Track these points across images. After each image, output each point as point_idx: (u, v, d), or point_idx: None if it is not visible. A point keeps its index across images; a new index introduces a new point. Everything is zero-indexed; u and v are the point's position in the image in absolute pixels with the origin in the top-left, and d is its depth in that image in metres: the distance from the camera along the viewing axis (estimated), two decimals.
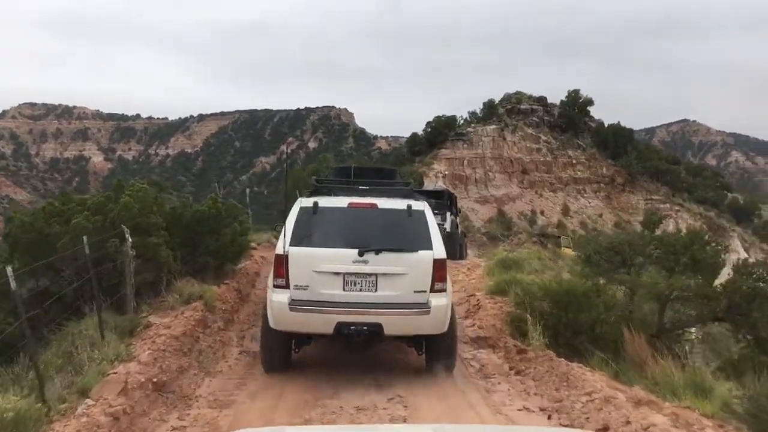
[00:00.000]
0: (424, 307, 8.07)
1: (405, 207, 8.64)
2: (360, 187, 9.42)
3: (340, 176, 10.61)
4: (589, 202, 48.84)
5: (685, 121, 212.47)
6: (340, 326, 8.02)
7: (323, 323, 8.07)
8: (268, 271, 9.19)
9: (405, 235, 8.39)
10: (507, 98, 52.93)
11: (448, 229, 21.87)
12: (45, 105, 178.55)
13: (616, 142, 52.32)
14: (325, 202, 8.71)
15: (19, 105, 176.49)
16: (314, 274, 8.01)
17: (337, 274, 8.07)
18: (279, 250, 8.22)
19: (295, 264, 8.06)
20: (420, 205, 8.85)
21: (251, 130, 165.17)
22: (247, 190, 20.75)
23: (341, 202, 8.76)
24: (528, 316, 10.03)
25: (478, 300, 13.61)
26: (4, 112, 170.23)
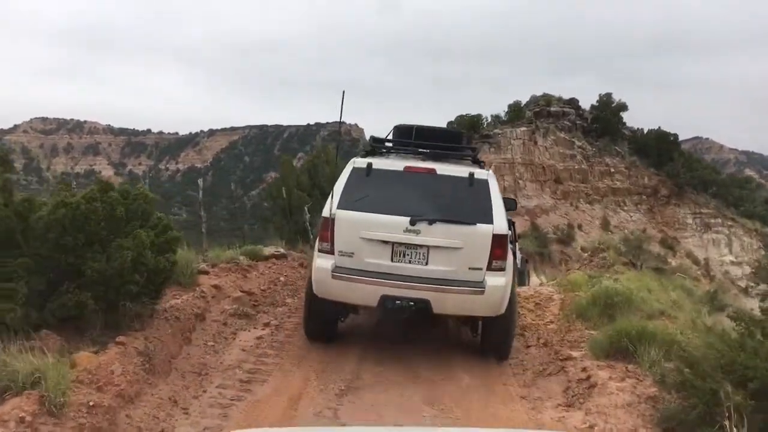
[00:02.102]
0: (478, 287, 7.43)
1: (466, 175, 7.88)
2: (420, 150, 8.60)
3: (401, 137, 9.20)
4: (630, 216, 42.25)
5: (697, 138, 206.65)
6: (385, 300, 7.42)
7: (367, 295, 7.50)
8: (221, 311, 8.24)
9: (463, 206, 7.68)
10: (534, 100, 46.52)
11: (519, 265, 17.05)
12: (56, 119, 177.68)
13: (659, 148, 45.65)
14: (379, 164, 8.09)
15: (31, 119, 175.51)
16: (361, 241, 7.53)
17: (385, 243, 7.53)
18: (325, 212, 7.74)
19: (342, 228, 7.59)
20: (483, 173, 8.09)
21: (261, 145, 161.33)
22: (200, 181, 14.68)
23: (397, 165, 8.09)
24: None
25: (586, 372, 7.37)
26: (15, 126, 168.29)
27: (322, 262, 7.68)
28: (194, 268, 10.21)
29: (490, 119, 43.48)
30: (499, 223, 7.67)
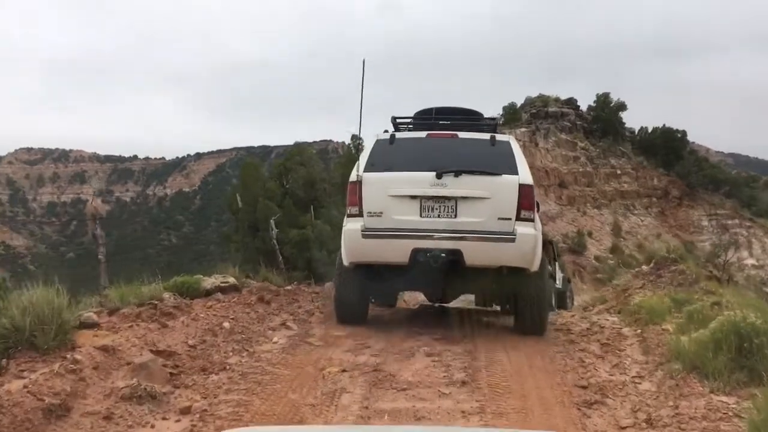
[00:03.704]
0: (509, 235, 7.40)
1: (488, 137, 7.92)
2: (441, 123, 8.58)
3: (422, 117, 8.91)
4: (642, 220, 38.35)
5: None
6: (416, 253, 7.36)
7: (398, 251, 7.45)
8: (107, 392, 5.43)
9: (488, 161, 7.68)
10: (530, 102, 42.65)
11: (559, 285, 16.94)
12: (41, 149, 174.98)
13: (666, 147, 41.75)
14: (402, 135, 8.19)
15: (16, 150, 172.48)
16: (389, 199, 7.52)
17: (413, 198, 7.53)
18: (352, 177, 7.70)
19: (369, 189, 7.55)
20: (505, 136, 8.23)
21: None
22: (91, 200, 10.77)
23: (420, 134, 8.17)
24: None
25: None
26: (0, 158, 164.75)
27: (351, 225, 7.61)
28: (68, 320, 6.11)
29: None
30: (525, 174, 7.59)
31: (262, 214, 13.10)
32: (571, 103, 43.04)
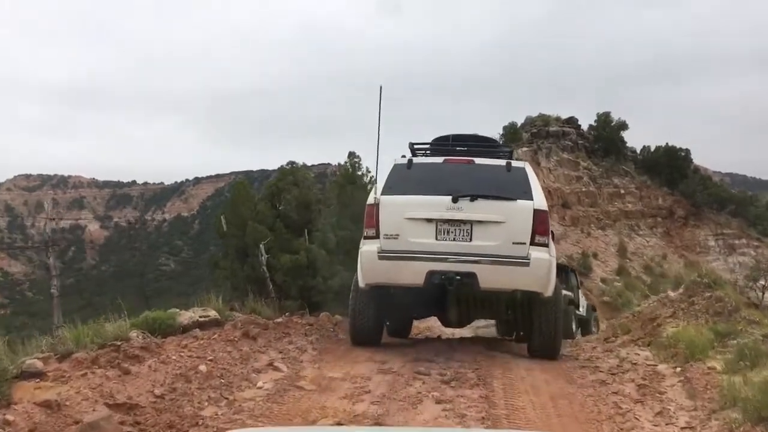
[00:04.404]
0: (523, 260, 7.41)
1: (504, 163, 7.98)
2: (458, 149, 8.67)
3: (438, 144, 9.12)
4: (647, 241, 37.18)
5: None
6: (431, 275, 7.39)
7: (413, 273, 7.47)
8: None
9: (503, 186, 7.73)
10: (530, 121, 41.69)
11: (582, 312, 17.21)
12: (40, 176, 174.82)
13: (670, 166, 40.67)
14: (419, 160, 8.23)
15: (14, 177, 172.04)
16: (405, 222, 7.57)
17: (429, 221, 7.57)
18: (370, 200, 7.78)
19: (386, 212, 7.61)
20: (520, 162, 8.28)
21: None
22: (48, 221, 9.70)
23: (437, 159, 8.21)
24: None
25: None
26: None
27: (368, 247, 7.68)
28: (6, 369, 4.99)
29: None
30: (539, 200, 7.69)
31: (251, 238, 12.00)
32: (572, 122, 42.05)
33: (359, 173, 14.09)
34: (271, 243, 12.08)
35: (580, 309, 18.24)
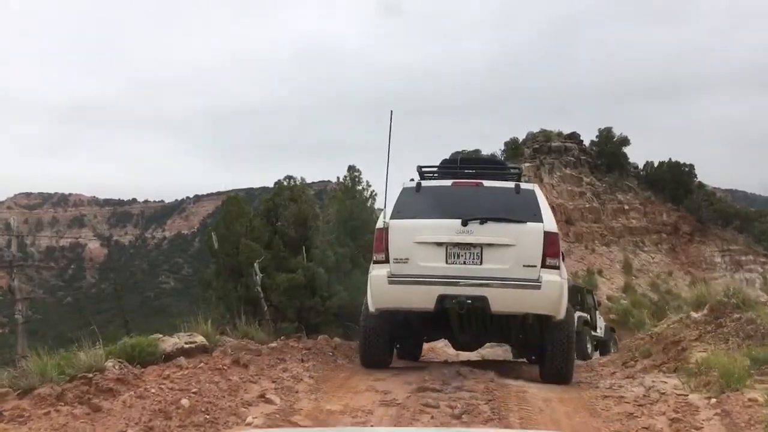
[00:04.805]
0: (534, 282, 7.34)
1: (512, 186, 7.93)
2: (466, 171, 8.62)
3: (447, 166, 9.11)
4: (652, 257, 36.41)
5: None
6: (442, 299, 7.33)
7: (424, 297, 7.42)
8: None
9: (512, 209, 7.64)
10: (532, 137, 41.13)
11: (601, 334, 17.65)
12: (41, 194, 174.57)
13: (675, 181, 39.97)
14: (428, 183, 8.14)
15: (15, 195, 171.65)
16: (415, 246, 7.51)
17: (439, 245, 7.51)
18: (379, 224, 7.72)
19: (396, 236, 7.54)
20: (529, 185, 8.25)
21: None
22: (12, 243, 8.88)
23: (445, 182, 8.18)
24: None
25: None
26: None
27: (377, 271, 7.58)
28: None
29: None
30: (549, 222, 7.61)
31: (245, 257, 11.29)
32: (574, 137, 41.44)
33: (359, 187, 13.42)
34: (267, 261, 11.38)
35: (598, 330, 18.08)
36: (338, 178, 14.22)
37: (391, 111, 7.84)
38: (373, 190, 13.70)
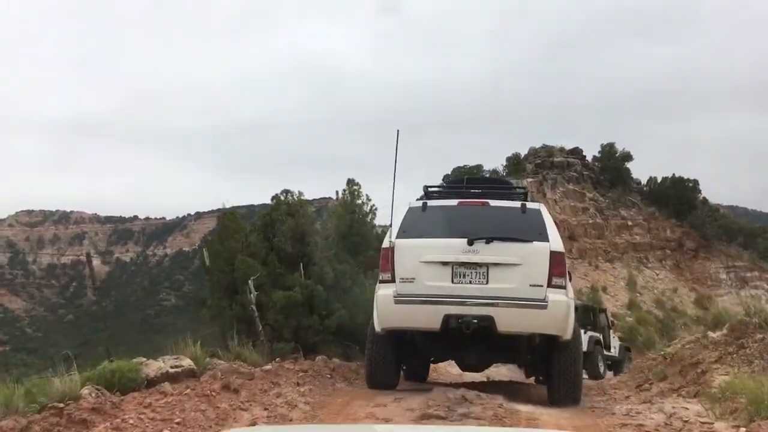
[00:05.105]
0: (541, 302, 7.27)
1: (518, 205, 7.94)
2: (472, 191, 8.69)
3: (453, 186, 9.46)
4: (657, 274, 35.84)
5: None
6: (448, 319, 7.27)
7: (430, 317, 7.39)
8: None
9: (518, 228, 7.64)
10: (534, 152, 40.76)
11: (615, 354, 18.08)
12: (42, 211, 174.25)
13: (679, 197, 39.50)
14: (434, 202, 8.17)
15: (17, 213, 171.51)
16: (421, 265, 7.50)
17: (445, 264, 7.48)
18: (385, 243, 7.73)
19: (401, 255, 7.52)
20: (535, 204, 8.28)
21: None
22: None
23: (451, 202, 8.21)
24: None
25: None
26: (0, 220, 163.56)
27: (384, 291, 7.55)
28: None
29: (488, 175, 37.74)
30: (556, 241, 7.55)
31: (241, 273, 10.77)
32: (577, 152, 41.08)
33: (359, 201, 12.94)
34: (263, 278, 10.87)
35: (612, 350, 18.03)
36: (337, 192, 13.71)
37: (398, 130, 7.79)
38: (374, 205, 13.27)
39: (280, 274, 11.27)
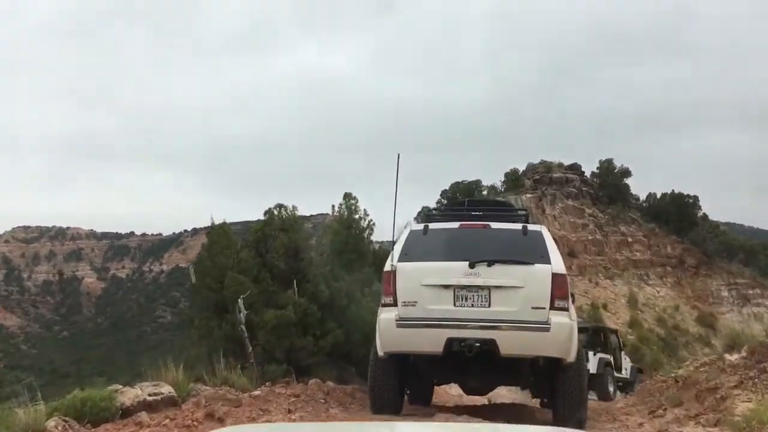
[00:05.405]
0: (543, 324, 7.21)
1: (520, 227, 7.97)
2: (473, 213, 8.64)
3: (454, 208, 9.60)
4: (657, 291, 35.28)
5: None
6: (451, 342, 7.23)
7: (432, 340, 7.35)
8: None
9: (520, 250, 7.63)
10: (532, 168, 40.37)
11: (627, 375, 18.26)
12: (39, 227, 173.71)
13: (679, 213, 39.02)
14: (435, 225, 8.23)
15: (13, 229, 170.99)
16: (423, 289, 7.46)
17: (447, 287, 7.44)
18: (387, 267, 7.71)
19: (403, 279, 7.54)
20: (537, 226, 8.31)
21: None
22: None
23: (452, 224, 8.20)
24: None
25: None
26: None
27: (386, 315, 7.55)
28: None
29: (486, 192, 37.26)
30: (557, 263, 7.51)
31: (231, 291, 10.22)
32: (575, 168, 40.70)
33: (356, 216, 12.42)
34: (254, 297, 10.31)
35: (623, 371, 17.98)
36: (333, 207, 13.20)
37: (398, 155, 7.77)
38: (371, 220, 12.78)
39: (272, 292, 10.71)
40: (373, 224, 12.33)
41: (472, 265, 7.42)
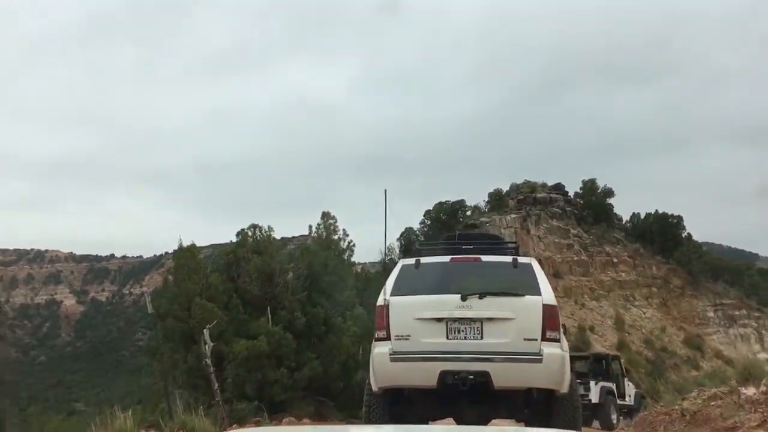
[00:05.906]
0: (536, 356, 7.25)
1: (510, 260, 8.04)
2: (464, 247, 8.66)
3: (445, 242, 9.67)
4: (644, 312, 34.65)
5: None
6: (444, 375, 7.27)
7: (426, 374, 7.37)
8: None
9: (511, 283, 7.73)
10: (516, 188, 39.79)
11: (630, 402, 18.28)
12: (17, 250, 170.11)
13: (663, 233, 38.49)
14: (427, 259, 8.31)
15: None
16: (416, 323, 7.52)
17: (439, 320, 7.49)
18: (380, 301, 7.76)
19: (396, 313, 7.59)
20: (526, 258, 8.40)
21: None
22: None
23: (444, 258, 8.30)
24: None
25: None
26: None
27: (380, 349, 7.56)
28: None
29: (470, 212, 36.58)
30: (548, 295, 7.58)
31: (198, 320, 9.25)
32: (560, 188, 40.14)
33: (335, 237, 11.54)
34: (224, 325, 9.37)
35: (627, 398, 17.51)
36: (310, 227, 12.31)
37: (385, 190, 7.87)
38: (351, 241, 11.92)
39: (243, 321, 9.80)
40: (353, 245, 11.47)
41: (464, 298, 7.43)
